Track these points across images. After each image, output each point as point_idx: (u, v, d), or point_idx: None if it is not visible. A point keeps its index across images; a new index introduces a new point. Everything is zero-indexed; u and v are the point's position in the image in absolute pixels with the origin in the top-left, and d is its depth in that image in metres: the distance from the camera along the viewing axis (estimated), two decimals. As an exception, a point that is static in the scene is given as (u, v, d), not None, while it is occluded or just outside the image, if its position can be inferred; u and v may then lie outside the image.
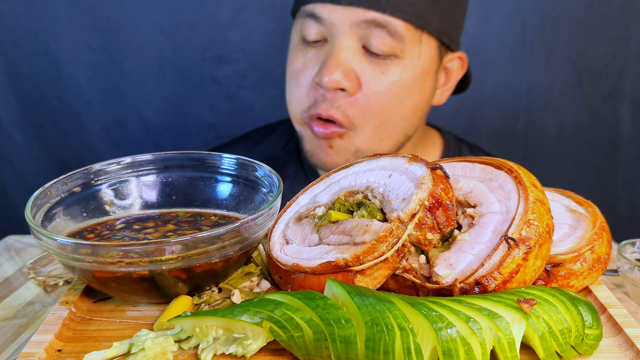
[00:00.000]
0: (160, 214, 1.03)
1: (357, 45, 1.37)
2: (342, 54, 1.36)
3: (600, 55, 2.10)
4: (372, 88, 1.38)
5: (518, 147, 2.23)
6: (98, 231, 0.96)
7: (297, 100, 1.45)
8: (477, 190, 0.89)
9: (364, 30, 1.35)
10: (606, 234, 0.92)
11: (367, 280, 0.82)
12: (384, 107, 1.40)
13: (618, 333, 0.80)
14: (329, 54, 1.38)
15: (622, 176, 2.22)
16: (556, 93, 2.16)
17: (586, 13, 2.06)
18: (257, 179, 1.02)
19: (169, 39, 2.14)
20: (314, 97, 1.41)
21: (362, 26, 1.35)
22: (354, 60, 1.37)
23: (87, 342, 0.80)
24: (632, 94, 2.13)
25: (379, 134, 1.44)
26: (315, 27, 1.39)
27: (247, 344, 0.74)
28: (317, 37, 1.40)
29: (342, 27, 1.36)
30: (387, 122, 1.43)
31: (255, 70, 2.17)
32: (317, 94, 1.40)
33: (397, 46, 1.36)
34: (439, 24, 1.41)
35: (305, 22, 1.41)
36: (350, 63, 1.37)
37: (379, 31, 1.35)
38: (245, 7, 2.11)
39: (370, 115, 1.40)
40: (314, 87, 1.41)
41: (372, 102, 1.39)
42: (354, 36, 1.36)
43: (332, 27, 1.37)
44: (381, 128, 1.43)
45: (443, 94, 1.56)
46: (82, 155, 2.25)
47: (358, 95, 1.39)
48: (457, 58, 1.53)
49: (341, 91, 1.38)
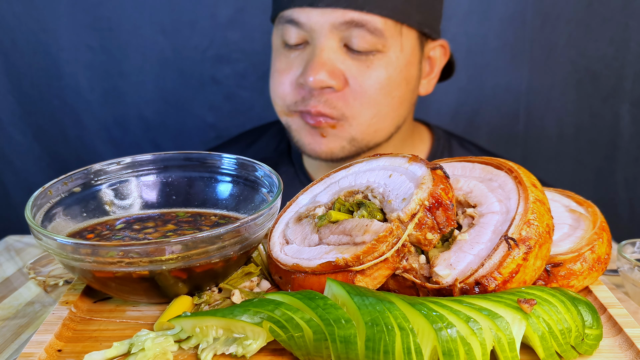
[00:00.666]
0: (160, 214, 1.03)
1: (338, 45, 1.39)
2: (324, 54, 1.38)
3: (600, 55, 2.10)
4: (359, 83, 1.40)
5: (518, 147, 2.23)
6: (98, 231, 0.96)
7: (281, 97, 1.47)
8: (477, 190, 0.89)
9: (343, 31, 1.37)
10: (606, 234, 0.92)
11: (367, 280, 0.82)
12: (374, 100, 1.42)
13: (618, 333, 0.80)
14: (311, 55, 1.39)
15: (622, 176, 2.22)
16: (556, 93, 2.16)
17: (586, 13, 2.06)
18: (257, 179, 1.02)
19: (169, 39, 2.14)
20: (300, 94, 1.43)
21: (342, 27, 1.37)
22: (337, 59, 1.39)
23: (87, 342, 0.80)
24: (632, 94, 2.13)
25: (373, 126, 1.46)
26: (295, 31, 1.41)
27: (247, 344, 0.74)
28: (299, 41, 1.42)
29: (321, 30, 1.38)
30: (379, 114, 1.45)
31: (255, 70, 2.17)
32: (303, 92, 1.42)
33: (378, 42, 1.38)
34: (419, 15, 1.43)
35: (285, 28, 1.43)
36: (334, 62, 1.39)
37: (359, 30, 1.37)
38: (245, 7, 2.11)
39: (361, 106, 1.42)
40: (298, 87, 1.43)
41: (360, 95, 1.41)
42: (334, 37, 1.38)
43: (312, 31, 1.39)
44: (375, 119, 1.45)
45: (429, 83, 1.58)
46: (82, 155, 2.25)
47: (345, 91, 1.41)
48: (439, 46, 1.56)
49: (328, 88, 1.40)
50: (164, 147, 2.25)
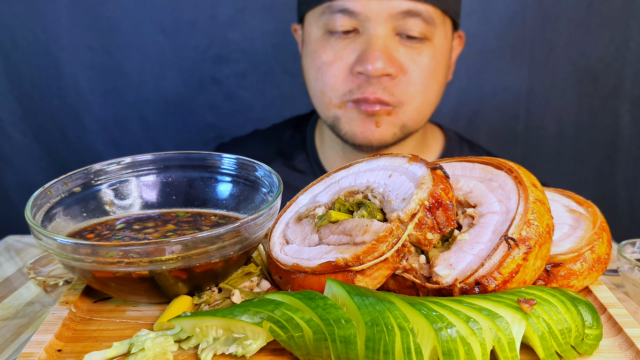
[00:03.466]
0: (160, 214, 1.03)
1: (392, 34, 1.44)
2: (380, 42, 1.42)
3: (600, 55, 2.10)
4: (412, 70, 1.45)
5: (518, 147, 2.23)
6: (98, 231, 0.96)
7: (332, 88, 1.49)
8: (477, 190, 0.89)
9: (398, 20, 1.42)
10: (606, 234, 0.92)
11: (367, 280, 0.82)
12: (425, 85, 1.48)
13: (618, 333, 0.80)
14: (367, 44, 1.43)
15: (622, 176, 2.22)
16: (556, 93, 2.16)
17: (586, 13, 2.06)
18: (257, 179, 1.02)
19: (169, 39, 2.14)
20: (354, 83, 1.46)
21: (398, 17, 1.41)
22: (392, 46, 1.44)
23: (87, 342, 0.80)
24: (632, 94, 2.13)
25: (423, 112, 1.52)
26: (347, 20, 1.44)
27: (247, 344, 0.74)
28: (348, 29, 1.45)
29: (377, 19, 1.41)
30: (427, 100, 1.51)
31: (255, 70, 2.17)
32: (359, 80, 1.45)
33: (429, 30, 1.44)
34: (455, 4, 1.51)
35: (333, 18, 1.45)
36: (390, 50, 1.43)
37: (415, 19, 1.42)
38: (246, 7, 2.11)
39: (415, 92, 1.47)
40: (351, 76, 1.46)
41: (413, 82, 1.46)
42: (388, 26, 1.42)
43: (367, 19, 1.42)
44: (425, 105, 1.51)
45: (450, 71, 1.64)
46: (82, 155, 2.25)
47: (400, 78, 1.45)
48: (457, 36, 1.63)
49: (385, 76, 1.43)
50: (164, 147, 2.25)
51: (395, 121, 1.49)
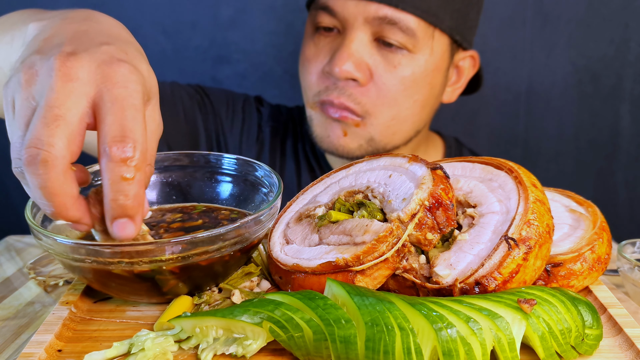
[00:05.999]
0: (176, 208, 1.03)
1: (369, 39, 1.38)
2: (353, 45, 1.37)
3: (600, 55, 2.10)
4: (383, 80, 1.39)
5: (518, 147, 2.23)
6: (98, 231, 0.96)
7: (309, 86, 1.46)
8: (477, 190, 0.89)
9: (376, 26, 1.36)
10: (606, 234, 0.92)
11: (367, 280, 0.82)
12: (395, 99, 1.41)
13: (618, 333, 0.80)
14: (340, 45, 1.38)
15: (622, 176, 2.22)
16: (556, 93, 2.16)
17: (586, 13, 2.06)
18: (257, 178, 1.02)
19: (170, 39, 2.14)
20: (325, 84, 1.42)
21: (375, 22, 1.36)
22: (366, 52, 1.38)
23: (87, 342, 0.80)
24: (632, 94, 2.13)
25: (392, 127, 1.44)
26: (327, 18, 1.41)
27: (247, 344, 0.74)
28: (329, 26, 1.41)
29: (354, 21, 1.37)
30: (399, 115, 1.43)
31: (255, 70, 2.17)
32: (328, 81, 1.41)
33: (409, 42, 1.37)
34: (452, 21, 1.41)
35: (318, 14, 1.42)
36: (361, 54, 1.37)
37: (392, 27, 1.35)
38: (246, 8, 2.11)
39: (382, 105, 1.41)
40: (324, 75, 1.42)
41: (383, 93, 1.40)
42: (366, 30, 1.37)
43: (345, 21, 1.38)
44: (394, 121, 1.44)
45: (454, 92, 1.57)
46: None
47: (369, 86, 1.39)
48: (469, 57, 1.54)
49: (352, 81, 1.39)
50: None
51: (362, 133, 1.43)
